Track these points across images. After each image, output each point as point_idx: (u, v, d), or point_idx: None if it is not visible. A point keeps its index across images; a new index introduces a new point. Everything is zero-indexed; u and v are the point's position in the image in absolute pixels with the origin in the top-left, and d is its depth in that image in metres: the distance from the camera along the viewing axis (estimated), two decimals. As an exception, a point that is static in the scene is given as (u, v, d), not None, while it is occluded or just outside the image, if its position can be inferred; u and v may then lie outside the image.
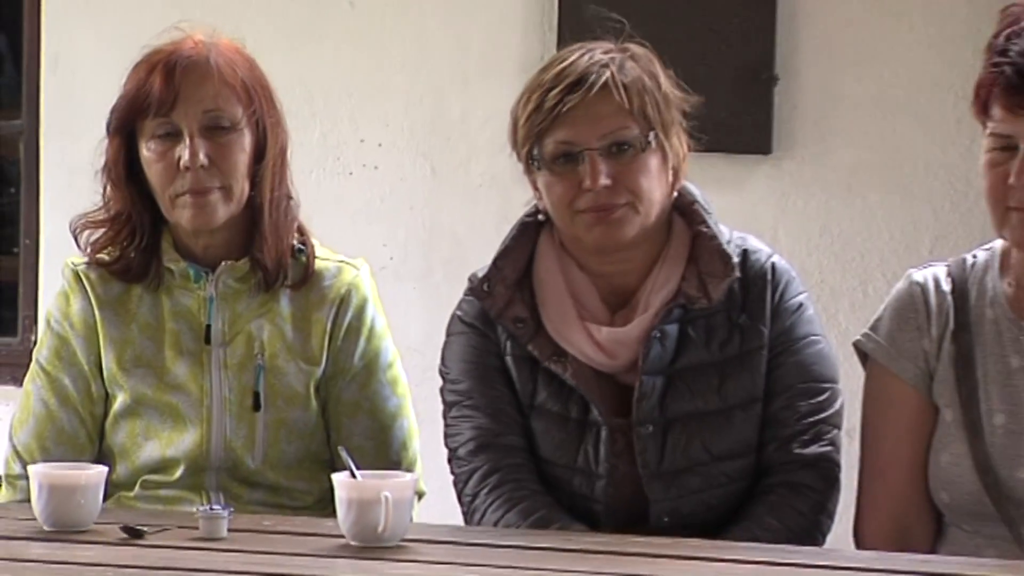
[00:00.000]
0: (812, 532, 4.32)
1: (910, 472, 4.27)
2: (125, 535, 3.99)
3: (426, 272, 4.87)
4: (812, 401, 4.35)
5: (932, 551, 4.21)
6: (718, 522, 4.29)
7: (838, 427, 4.42)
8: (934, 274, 4.31)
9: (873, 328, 4.33)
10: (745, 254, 4.34)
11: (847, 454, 4.59)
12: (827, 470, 4.37)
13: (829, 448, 4.36)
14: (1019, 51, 4.04)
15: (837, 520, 4.51)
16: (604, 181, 4.17)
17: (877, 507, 4.32)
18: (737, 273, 4.31)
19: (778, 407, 4.34)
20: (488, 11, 6.11)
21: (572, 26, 5.45)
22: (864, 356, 4.36)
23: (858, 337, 4.38)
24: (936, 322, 4.26)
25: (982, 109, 4.12)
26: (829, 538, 4.41)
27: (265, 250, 4.45)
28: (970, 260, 4.32)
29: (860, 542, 4.35)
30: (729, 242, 4.33)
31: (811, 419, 4.34)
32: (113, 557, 3.85)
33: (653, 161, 4.25)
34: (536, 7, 6.05)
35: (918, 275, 4.34)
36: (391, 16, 6.23)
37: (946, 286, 4.27)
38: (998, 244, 4.30)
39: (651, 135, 4.24)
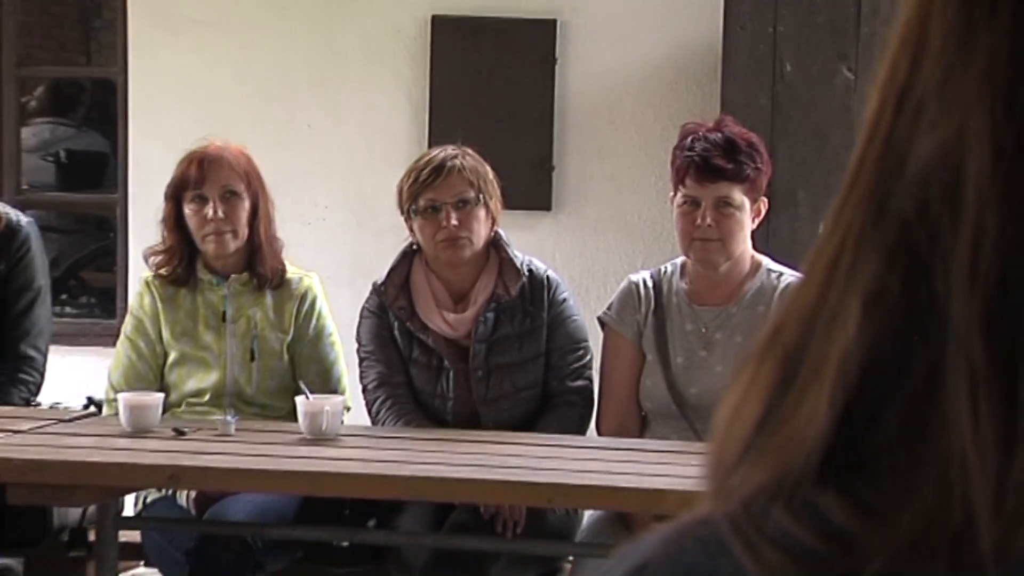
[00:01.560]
0: (580, 430, 4.40)
1: (628, 392, 4.34)
2: (175, 433, 4.08)
3: (352, 280, 4.70)
4: (575, 355, 4.40)
5: (641, 437, 4.30)
6: (522, 426, 4.33)
7: (591, 368, 4.46)
8: (643, 276, 4.38)
9: (608, 308, 4.39)
10: (531, 270, 4.37)
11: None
12: (587, 395, 4.43)
13: (587, 382, 4.43)
14: (701, 148, 4.12)
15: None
16: (454, 222, 4.21)
17: (609, 413, 4.38)
18: (524, 278, 4.34)
19: (556, 359, 4.38)
20: (388, 129, 6.05)
21: (437, 138, 5.45)
22: (603, 324, 4.39)
23: (600, 314, 4.42)
24: (643, 304, 4.31)
25: (680, 181, 4.17)
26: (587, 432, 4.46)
27: (264, 267, 4.44)
28: (663, 269, 4.39)
29: (600, 433, 4.43)
30: (522, 263, 4.35)
31: (575, 365, 4.40)
32: (167, 446, 4.00)
33: (481, 213, 4.27)
34: (415, 126, 6.02)
35: (634, 277, 4.40)
36: (332, 133, 6.13)
37: (650, 283, 4.33)
38: (679, 260, 4.37)
39: (481, 197, 4.27)
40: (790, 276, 4.21)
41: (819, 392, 0.66)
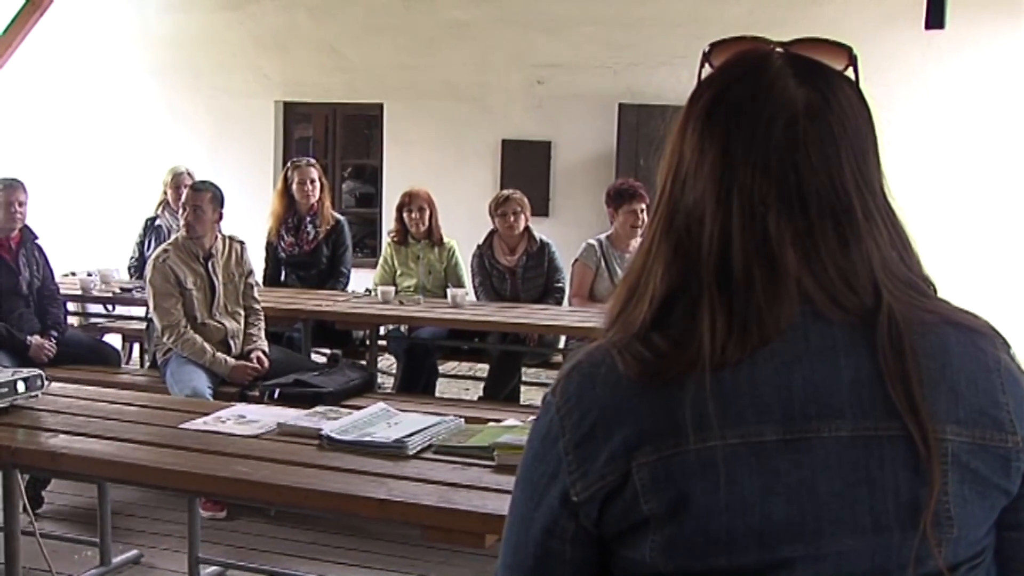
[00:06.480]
0: (559, 303, 3.95)
1: (586, 290, 3.82)
2: (399, 303, 3.77)
3: (469, 242, 4.21)
4: (558, 273, 3.99)
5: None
6: (536, 301, 3.92)
7: (564, 279, 3.99)
8: (594, 241, 3.83)
9: (580, 255, 3.84)
10: (541, 239, 4.00)
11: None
12: (562, 290, 3.98)
13: (562, 284, 3.99)
14: (629, 188, 3.76)
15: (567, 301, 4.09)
16: (511, 220, 3.90)
17: (578, 300, 3.84)
18: (538, 242, 3.97)
19: (550, 274, 3.97)
20: (483, 184, 5.73)
21: (504, 186, 5.13)
22: (576, 261, 3.86)
23: (576, 257, 3.86)
24: (598, 253, 3.78)
25: (620, 203, 3.72)
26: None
27: (434, 237, 4.06)
28: (600, 239, 3.83)
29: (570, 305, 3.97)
30: (538, 236, 4.00)
31: (558, 277, 4.00)
32: (396, 308, 3.73)
33: (523, 217, 3.91)
34: (494, 182, 5.71)
35: (592, 240, 3.84)
36: (461, 185, 5.76)
37: (596, 244, 3.80)
38: (604, 235, 3.85)
39: (522, 209, 3.92)
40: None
41: (644, 303, 0.65)
